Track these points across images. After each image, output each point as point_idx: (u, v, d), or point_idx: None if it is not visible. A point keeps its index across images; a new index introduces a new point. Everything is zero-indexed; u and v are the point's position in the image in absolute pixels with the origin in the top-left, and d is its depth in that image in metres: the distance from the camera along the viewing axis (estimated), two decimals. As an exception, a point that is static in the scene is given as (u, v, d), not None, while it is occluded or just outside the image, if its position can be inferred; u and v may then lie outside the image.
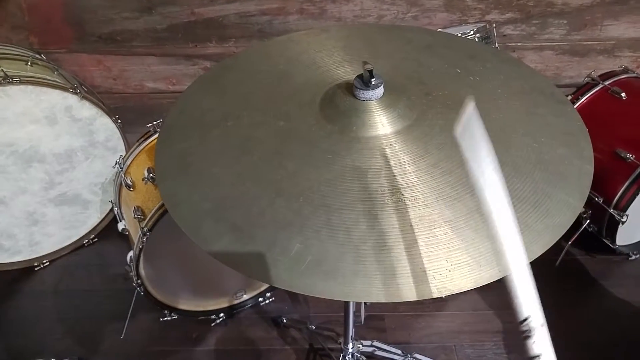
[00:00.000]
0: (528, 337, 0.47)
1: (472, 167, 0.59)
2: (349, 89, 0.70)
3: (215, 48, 1.78)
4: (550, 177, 0.62)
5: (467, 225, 0.56)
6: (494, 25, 1.55)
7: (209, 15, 1.70)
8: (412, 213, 0.58)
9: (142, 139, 1.34)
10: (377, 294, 0.52)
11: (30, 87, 1.36)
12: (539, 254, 0.55)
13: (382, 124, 0.67)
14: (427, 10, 1.72)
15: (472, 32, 1.50)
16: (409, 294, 0.52)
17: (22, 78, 1.34)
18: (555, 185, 0.61)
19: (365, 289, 0.52)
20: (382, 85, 0.68)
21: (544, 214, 0.59)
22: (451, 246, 0.55)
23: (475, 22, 1.71)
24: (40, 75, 1.42)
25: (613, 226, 1.40)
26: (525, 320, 0.47)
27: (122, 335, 1.44)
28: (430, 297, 0.51)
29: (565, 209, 0.59)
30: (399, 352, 1.29)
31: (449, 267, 0.53)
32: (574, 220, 0.59)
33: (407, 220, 0.57)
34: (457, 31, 1.49)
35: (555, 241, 0.57)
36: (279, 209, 0.59)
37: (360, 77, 0.69)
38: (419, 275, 0.53)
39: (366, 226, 0.57)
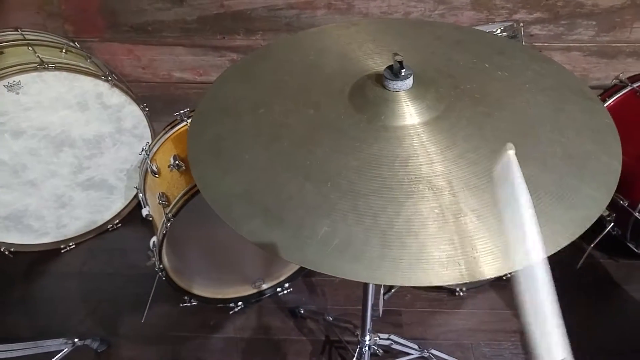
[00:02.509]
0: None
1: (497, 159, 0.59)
2: (379, 79, 0.71)
3: (242, 40, 1.80)
4: (576, 172, 0.63)
5: (492, 214, 0.57)
6: (522, 24, 1.54)
7: (237, 7, 1.72)
8: (438, 201, 0.59)
9: (169, 127, 1.37)
10: (403, 278, 0.53)
11: (64, 74, 1.40)
12: (563, 246, 0.56)
13: (410, 114, 0.68)
14: (454, 8, 1.71)
15: (499, 31, 1.49)
16: (434, 278, 0.53)
17: (57, 64, 1.38)
18: (581, 180, 0.62)
19: (391, 273, 0.54)
20: (412, 77, 0.69)
21: (569, 207, 0.59)
22: (476, 234, 0.56)
23: (502, 21, 1.69)
24: (73, 62, 1.47)
25: (638, 230, 1.38)
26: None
27: (143, 319, 1.48)
28: (455, 283, 0.52)
29: (591, 204, 0.60)
30: (416, 347, 1.30)
31: (473, 255, 0.54)
32: (599, 214, 0.59)
33: (432, 208, 0.58)
34: (484, 30, 1.48)
35: (580, 234, 0.57)
36: (308, 193, 0.61)
37: (390, 68, 0.70)
38: (443, 262, 0.54)
39: (392, 212, 0.58)
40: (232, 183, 0.64)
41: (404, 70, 0.68)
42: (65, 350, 1.34)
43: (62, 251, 1.70)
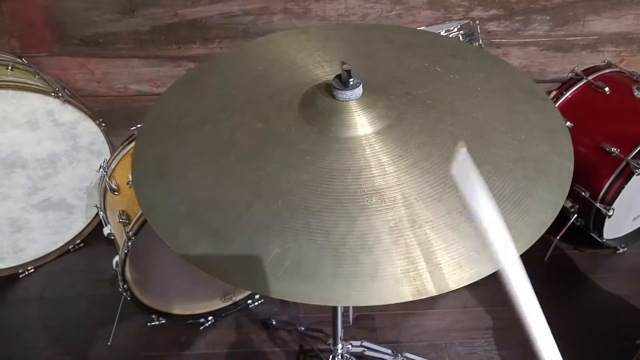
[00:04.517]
0: None
1: (452, 168, 0.59)
2: (328, 89, 0.69)
3: (199, 49, 1.76)
4: (530, 175, 0.62)
5: (447, 225, 0.56)
6: (478, 22, 1.55)
7: (192, 16, 1.69)
8: (392, 214, 0.57)
9: (127, 142, 1.33)
10: (356, 298, 0.51)
11: (10, 92, 1.34)
12: (520, 253, 0.55)
13: (361, 124, 0.66)
14: (411, 8, 1.72)
15: (455, 29, 1.50)
16: (388, 296, 0.51)
17: (1, 83, 1.32)
18: (535, 183, 0.61)
19: (344, 293, 0.52)
20: (361, 85, 0.68)
21: (524, 212, 0.58)
22: (431, 247, 0.54)
23: (459, 19, 1.71)
24: (20, 80, 1.41)
25: (600, 220, 1.41)
26: None
27: (110, 341, 1.42)
28: (409, 300, 0.50)
29: (546, 207, 0.59)
30: (389, 351, 1.29)
31: (429, 269, 0.53)
32: (554, 217, 0.59)
33: (386, 222, 0.56)
34: (441, 28, 1.48)
35: (536, 240, 0.56)
36: (257, 212, 0.58)
37: (338, 77, 0.68)
38: (398, 277, 0.52)
39: (345, 228, 0.56)
40: (177, 204, 0.61)
41: (352, 79, 0.66)
42: (27, 381, 1.29)
43: (21, 276, 1.63)
